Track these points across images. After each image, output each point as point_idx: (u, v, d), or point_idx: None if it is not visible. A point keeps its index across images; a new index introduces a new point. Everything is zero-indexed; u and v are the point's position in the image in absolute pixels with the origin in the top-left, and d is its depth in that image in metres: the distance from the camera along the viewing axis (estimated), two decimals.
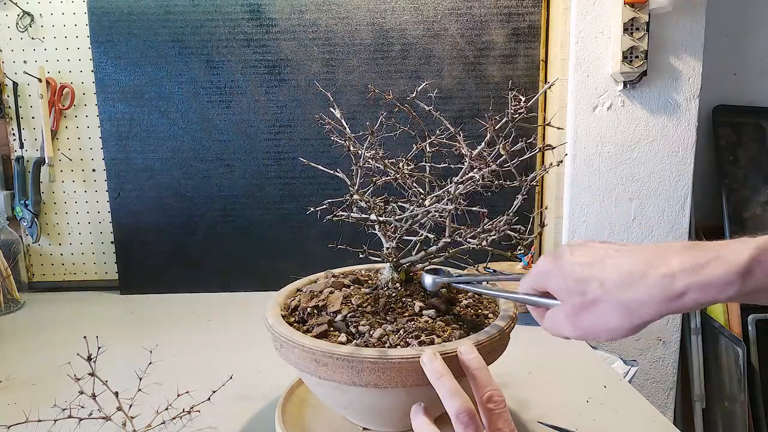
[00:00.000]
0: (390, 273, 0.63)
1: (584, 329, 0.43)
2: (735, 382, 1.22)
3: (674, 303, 0.39)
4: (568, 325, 0.45)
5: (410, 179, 0.62)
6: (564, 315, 0.45)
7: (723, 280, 0.37)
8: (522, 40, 1.15)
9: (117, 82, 1.16)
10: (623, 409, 0.72)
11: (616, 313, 0.41)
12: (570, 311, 0.44)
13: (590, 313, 0.43)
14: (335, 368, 0.52)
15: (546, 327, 0.48)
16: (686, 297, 0.38)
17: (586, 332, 0.44)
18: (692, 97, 1.09)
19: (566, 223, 1.14)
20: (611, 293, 0.41)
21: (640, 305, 0.40)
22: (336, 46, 1.15)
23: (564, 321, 0.45)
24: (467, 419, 0.45)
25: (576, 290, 0.43)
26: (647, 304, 0.39)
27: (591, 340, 0.45)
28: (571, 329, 0.44)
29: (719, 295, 0.38)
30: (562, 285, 0.44)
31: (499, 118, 0.55)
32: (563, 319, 0.45)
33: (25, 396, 0.76)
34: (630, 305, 0.40)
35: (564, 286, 0.44)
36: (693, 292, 0.38)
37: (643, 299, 0.40)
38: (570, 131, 1.11)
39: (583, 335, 0.44)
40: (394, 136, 0.63)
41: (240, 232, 1.21)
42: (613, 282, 0.41)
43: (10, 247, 1.16)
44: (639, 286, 0.40)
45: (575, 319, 0.44)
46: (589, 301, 0.42)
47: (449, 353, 0.50)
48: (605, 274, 0.42)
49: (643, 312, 0.40)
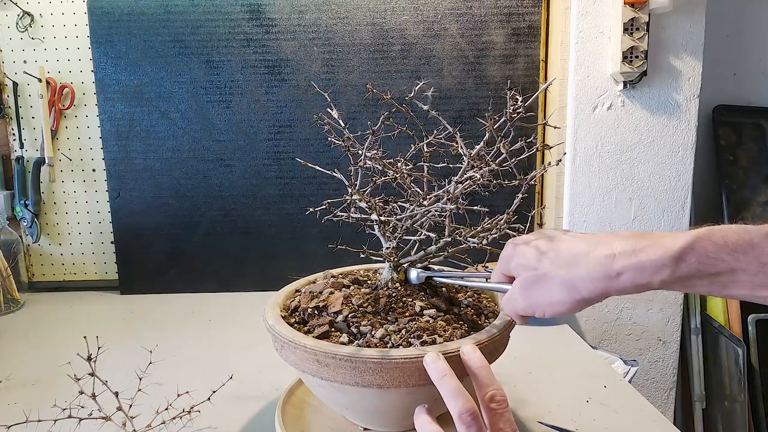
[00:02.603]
0: (390, 273, 0.63)
1: (532, 301, 0.47)
2: (735, 382, 1.22)
3: (612, 282, 0.42)
4: (520, 298, 0.48)
5: (409, 179, 0.62)
6: (518, 287, 0.49)
7: (656, 263, 0.40)
8: (522, 40, 1.15)
9: (117, 82, 1.16)
10: (623, 409, 0.72)
11: (560, 288, 0.45)
12: (522, 284, 0.48)
13: (538, 287, 0.47)
14: (337, 369, 0.52)
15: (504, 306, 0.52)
16: (622, 277, 0.41)
17: (534, 304, 0.47)
18: (692, 97, 1.09)
19: (566, 223, 1.14)
20: (558, 269, 0.45)
21: (580, 281, 0.43)
22: (336, 46, 1.15)
23: (517, 294, 0.49)
24: (470, 419, 0.45)
25: (530, 266, 0.47)
26: (587, 281, 0.43)
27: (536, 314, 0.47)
28: (522, 301, 0.48)
29: (653, 278, 0.40)
30: (521, 261, 0.49)
31: (498, 118, 0.55)
32: (516, 292, 0.49)
33: (25, 396, 0.76)
34: (572, 281, 0.44)
35: (522, 262, 0.48)
36: (629, 272, 0.41)
37: (584, 276, 0.43)
38: (570, 131, 1.11)
39: (531, 307, 0.48)
40: (392, 136, 0.63)
41: (240, 232, 1.21)
42: (561, 259, 0.45)
43: (10, 247, 1.16)
44: (582, 264, 0.43)
45: (526, 292, 0.48)
46: (540, 275, 0.46)
47: (451, 353, 0.50)
48: (557, 253, 0.46)
49: (582, 288, 0.43)
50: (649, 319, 1.16)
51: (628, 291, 0.42)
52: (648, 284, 0.41)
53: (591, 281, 0.43)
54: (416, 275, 0.63)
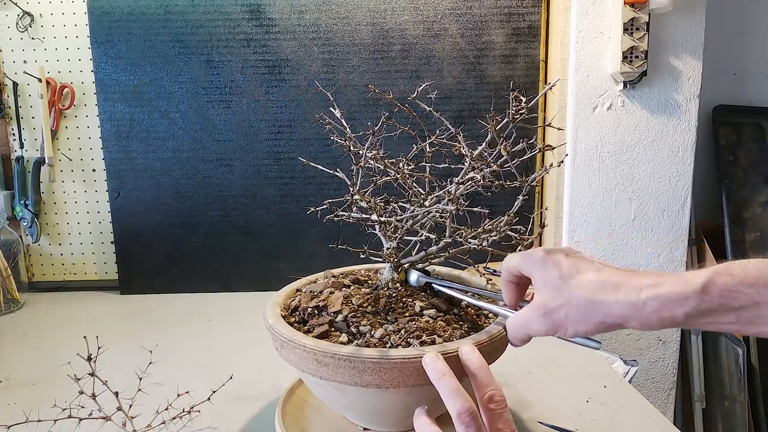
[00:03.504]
0: (390, 273, 0.63)
1: (555, 323, 0.48)
2: (735, 382, 1.22)
3: (637, 311, 0.43)
4: (540, 319, 0.48)
5: (410, 179, 0.62)
6: (536, 306, 0.48)
7: (680, 296, 0.41)
8: (522, 40, 1.15)
9: (117, 82, 1.16)
10: (623, 409, 0.72)
11: (584, 310, 0.46)
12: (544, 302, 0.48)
13: (564, 309, 0.47)
14: (337, 368, 0.52)
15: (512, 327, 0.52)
16: (647, 307, 0.43)
17: (557, 325, 0.48)
18: (692, 97, 1.09)
19: (566, 223, 1.14)
20: (586, 291, 0.46)
21: (605, 305, 0.45)
22: (336, 46, 1.15)
23: (535, 313, 0.49)
24: (469, 419, 0.45)
25: (556, 284, 0.47)
26: (614, 306, 0.44)
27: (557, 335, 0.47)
28: (542, 322, 0.48)
29: (677, 310, 0.42)
30: (546, 276, 0.48)
31: (500, 119, 0.55)
32: (535, 310, 0.49)
33: (25, 396, 0.76)
34: (597, 304, 0.45)
35: (548, 277, 0.48)
36: (653, 302, 0.42)
37: (611, 302, 0.44)
38: (570, 131, 1.11)
39: (553, 329, 0.48)
40: (394, 136, 0.63)
41: (240, 232, 1.21)
42: (589, 283, 0.46)
43: (10, 247, 1.16)
44: (611, 291, 0.45)
45: (548, 311, 0.48)
46: (567, 298, 0.47)
47: (450, 353, 0.50)
48: (585, 276, 0.46)
49: (608, 312, 0.45)
50: None
51: (652, 323, 0.43)
52: (672, 317, 0.42)
53: (618, 307, 0.44)
54: (416, 279, 0.63)
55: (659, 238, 1.14)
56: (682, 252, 1.14)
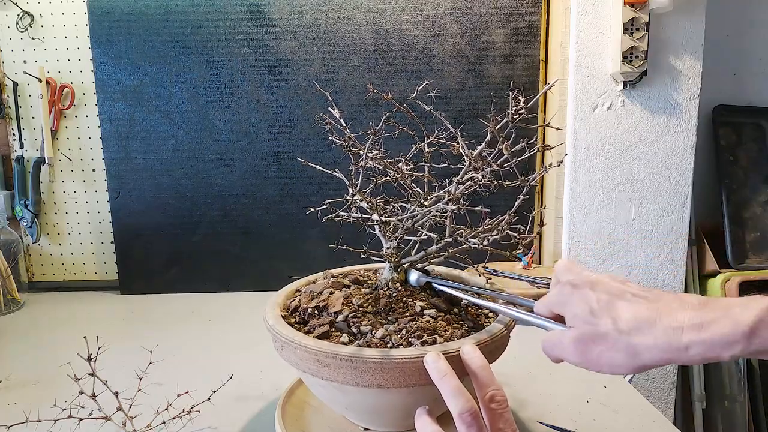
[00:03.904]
0: (390, 273, 0.63)
1: (589, 359, 0.45)
2: (735, 382, 1.22)
3: (680, 354, 0.40)
4: (573, 351, 0.46)
5: (410, 179, 0.62)
6: (571, 340, 0.46)
7: (727, 339, 0.38)
8: (522, 40, 1.15)
9: (117, 82, 1.16)
10: (623, 409, 0.72)
11: (622, 352, 0.43)
12: (578, 338, 0.45)
13: (598, 346, 0.44)
14: (338, 369, 0.52)
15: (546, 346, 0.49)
16: (691, 351, 0.40)
17: (590, 362, 0.45)
18: (692, 97, 1.09)
19: (566, 223, 1.14)
20: (622, 332, 0.43)
21: (646, 349, 0.42)
22: (336, 46, 1.15)
23: (570, 346, 0.46)
24: (470, 419, 0.45)
25: (589, 321, 0.45)
26: (653, 350, 0.41)
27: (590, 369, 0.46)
28: (575, 355, 0.46)
29: (723, 353, 0.39)
30: (577, 312, 0.46)
31: (500, 119, 0.55)
32: (569, 344, 0.46)
33: (25, 396, 0.76)
34: (637, 348, 0.42)
35: (579, 313, 0.46)
36: (698, 346, 0.39)
37: (650, 345, 0.41)
38: (570, 131, 1.11)
39: (585, 364, 0.46)
40: (393, 136, 0.63)
41: (240, 232, 1.21)
42: (624, 323, 0.43)
43: (10, 247, 1.16)
44: (648, 332, 0.42)
45: (583, 347, 0.45)
46: (600, 334, 0.44)
47: (452, 353, 0.50)
48: (618, 313, 0.43)
49: (646, 356, 0.42)
50: None
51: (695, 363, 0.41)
52: (717, 358, 0.40)
53: (657, 351, 0.41)
54: (416, 278, 0.63)
55: (659, 238, 1.14)
56: (682, 252, 1.14)
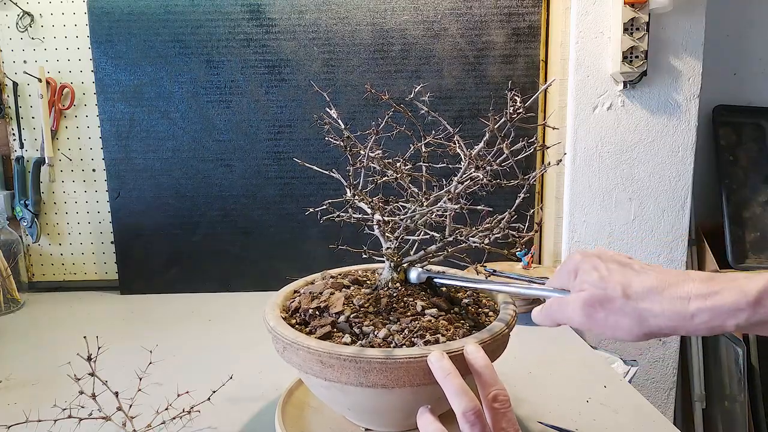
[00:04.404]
0: (390, 273, 0.63)
1: (594, 321, 0.46)
2: (735, 382, 1.22)
3: (686, 322, 0.42)
4: (579, 312, 0.47)
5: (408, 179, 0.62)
6: (579, 304, 0.47)
7: (733, 307, 0.40)
8: (522, 40, 1.15)
9: (117, 82, 1.16)
10: (623, 409, 0.72)
11: (628, 317, 0.44)
12: (587, 300, 0.46)
13: (605, 309, 0.45)
14: (341, 369, 0.52)
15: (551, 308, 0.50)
16: (696, 319, 0.41)
17: (595, 324, 0.46)
18: (692, 97, 1.09)
19: (566, 223, 1.14)
20: (630, 298, 0.44)
21: (652, 316, 0.43)
22: (336, 46, 1.15)
23: (578, 309, 0.47)
24: (474, 418, 0.45)
25: (599, 285, 0.46)
26: (659, 317, 0.43)
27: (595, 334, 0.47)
28: (581, 317, 0.47)
29: (728, 321, 0.40)
30: (586, 278, 0.47)
31: (499, 118, 0.55)
32: (577, 307, 0.47)
33: (25, 396, 0.76)
34: (643, 313, 0.43)
35: (588, 278, 0.47)
36: (704, 314, 0.41)
37: (657, 312, 0.43)
38: (570, 131, 1.11)
39: (589, 326, 0.47)
40: (391, 136, 0.63)
41: (240, 232, 1.21)
42: (633, 290, 0.44)
43: (10, 247, 1.16)
44: (655, 299, 0.43)
45: (590, 309, 0.46)
46: (609, 297, 0.45)
47: (455, 352, 0.50)
48: (627, 280, 0.45)
49: (652, 323, 0.43)
50: None
51: (700, 332, 0.42)
52: (722, 327, 0.41)
53: (663, 318, 0.43)
54: (416, 275, 0.63)
55: (659, 238, 1.14)
56: (682, 252, 1.14)
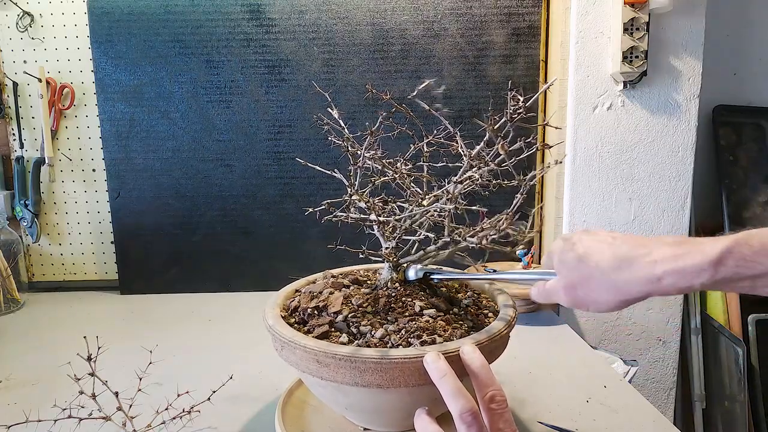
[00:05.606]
0: (389, 273, 0.63)
1: (578, 301, 0.51)
2: (735, 382, 1.22)
3: (654, 285, 0.45)
4: (563, 295, 0.51)
5: (408, 179, 0.62)
6: (562, 285, 0.51)
7: (696, 268, 0.42)
8: (522, 40, 1.15)
9: (117, 82, 1.16)
10: (623, 409, 0.72)
11: (605, 289, 0.48)
12: (568, 283, 0.51)
13: (585, 289, 0.49)
14: (337, 369, 0.52)
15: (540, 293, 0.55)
16: (664, 281, 0.44)
17: (579, 303, 0.51)
18: (692, 97, 1.09)
19: (566, 223, 1.14)
20: (604, 272, 0.47)
21: (626, 284, 0.46)
22: (336, 46, 1.15)
23: (560, 291, 0.52)
24: (470, 419, 0.45)
25: (576, 267, 0.50)
26: (632, 283, 0.46)
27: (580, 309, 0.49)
28: (565, 298, 0.52)
29: (694, 281, 0.43)
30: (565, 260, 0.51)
31: (498, 118, 0.55)
32: (560, 289, 0.52)
33: (25, 396, 0.76)
34: (617, 283, 0.47)
35: (567, 260, 0.51)
36: (670, 276, 0.43)
37: (629, 279, 0.46)
38: (570, 131, 1.11)
39: (575, 304, 0.51)
40: (392, 136, 0.63)
41: (240, 232, 1.21)
42: (606, 263, 0.47)
43: (10, 247, 1.16)
44: (627, 269, 0.46)
45: (571, 290, 0.50)
46: (585, 277, 0.49)
47: (451, 353, 0.50)
48: (602, 256, 0.48)
49: (626, 290, 0.47)
50: (649, 319, 1.16)
51: (670, 293, 0.45)
52: (690, 287, 0.43)
53: (635, 284, 0.45)
54: (414, 272, 0.63)
55: None
56: None
